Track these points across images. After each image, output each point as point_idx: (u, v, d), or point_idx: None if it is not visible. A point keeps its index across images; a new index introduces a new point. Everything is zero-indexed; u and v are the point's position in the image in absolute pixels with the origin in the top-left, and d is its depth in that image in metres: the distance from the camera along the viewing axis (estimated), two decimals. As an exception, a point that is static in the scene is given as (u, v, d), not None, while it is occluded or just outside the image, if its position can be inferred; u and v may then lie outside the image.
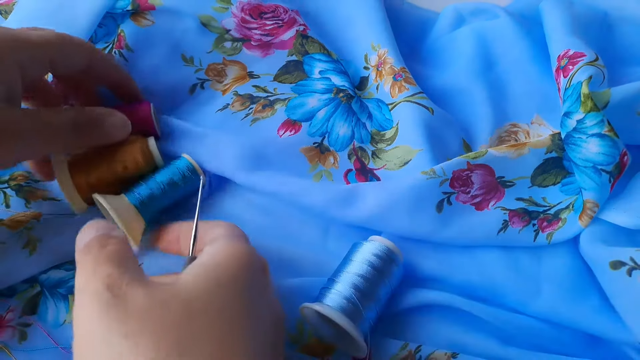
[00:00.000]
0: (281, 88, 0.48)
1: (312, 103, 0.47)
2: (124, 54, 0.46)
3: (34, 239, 0.39)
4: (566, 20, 0.47)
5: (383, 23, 0.50)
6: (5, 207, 0.41)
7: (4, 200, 0.42)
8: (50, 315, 0.38)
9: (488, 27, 0.52)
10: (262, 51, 0.50)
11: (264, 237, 0.40)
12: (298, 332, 0.37)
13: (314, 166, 0.45)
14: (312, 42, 0.50)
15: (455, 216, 0.40)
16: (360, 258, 0.36)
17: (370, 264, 0.35)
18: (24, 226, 0.39)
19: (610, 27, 0.51)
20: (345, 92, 0.47)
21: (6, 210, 0.41)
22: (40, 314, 0.38)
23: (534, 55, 0.50)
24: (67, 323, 0.38)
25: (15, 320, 0.37)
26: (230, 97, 0.48)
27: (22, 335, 0.37)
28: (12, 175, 0.43)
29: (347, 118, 0.46)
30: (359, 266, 0.35)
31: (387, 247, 0.37)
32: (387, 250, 0.36)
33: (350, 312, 0.33)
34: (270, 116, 0.46)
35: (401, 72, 0.47)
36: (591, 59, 0.41)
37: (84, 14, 0.45)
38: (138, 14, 0.47)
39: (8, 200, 0.42)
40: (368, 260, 0.35)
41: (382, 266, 0.35)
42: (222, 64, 0.49)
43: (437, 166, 0.41)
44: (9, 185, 0.42)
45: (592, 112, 0.38)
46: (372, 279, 0.35)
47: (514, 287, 0.39)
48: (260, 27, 0.50)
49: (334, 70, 0.48)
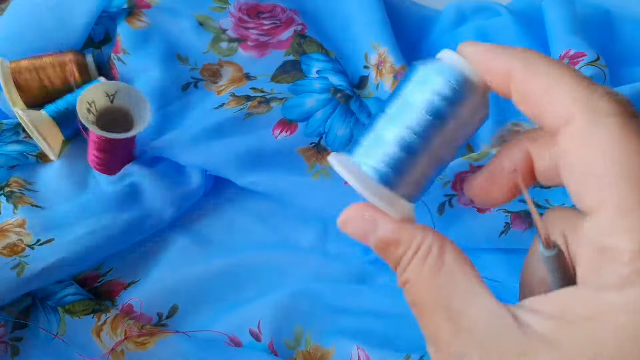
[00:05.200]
0: (278, 88, 0.48)
1: (310, 103, 0.47)
2: (122, 58, 0.46)
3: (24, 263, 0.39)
4: (568, 18, 0.46)
5: (383, 21, 0.50)
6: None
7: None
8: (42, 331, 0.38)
9: (490, 25, 0.51)
10: (258, 51, 0.49)
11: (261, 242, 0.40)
12: (296, 339, 0.36)
13: (311, 165, 0.44)
14: (309, 41, 0.49)
15: (456, 219, 0.40)
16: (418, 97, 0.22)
17: (430, 109, 0.21)
18: (19, 255, 0.39)
19: (612, 25, 0.51)
20: (343, 92, 0.47)
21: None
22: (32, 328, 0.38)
23: (536, 53, 0.50)
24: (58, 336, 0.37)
25: (7, 336, 0.37)
26: (227, 97, 0.47)
27: (14, 350, 0.37)
28: (7, 182, 0.43)
29: (345, 119, 0.46)
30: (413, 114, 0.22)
31: (461, 72, 0.22)
32: (460, 79, 0.22)
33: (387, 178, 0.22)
34: (265, 112, 0.46)
35: (401, 71, 0.47)
36: (592, 59, 0.41)
37: (80, 11, 0.45)
38: (133, 15, 0.46)
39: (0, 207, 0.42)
40: (430, 102, 0.21)
41: (451, 106, 0.22)
42: (218, 65, 0.49)
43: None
44: (3, 192, 0.42)
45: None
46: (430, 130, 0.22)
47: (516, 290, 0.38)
48: (257, 27, 0.50)
49: (331, 70, 0.48)
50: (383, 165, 0.22)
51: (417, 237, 0.21)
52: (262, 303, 0.39)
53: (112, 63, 0.46)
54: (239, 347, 0.38)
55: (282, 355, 0.37)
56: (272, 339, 0.38)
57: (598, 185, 0.17)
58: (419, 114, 0.21)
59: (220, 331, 0.39)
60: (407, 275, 0.21)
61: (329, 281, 0.42)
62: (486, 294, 0.20)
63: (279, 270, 0.41)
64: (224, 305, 0.40)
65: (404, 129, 0.21)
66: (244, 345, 0.38)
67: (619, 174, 0.17)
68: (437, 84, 0.21)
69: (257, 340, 0.38)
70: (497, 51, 0.21)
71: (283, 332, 0.38)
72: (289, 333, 0.36)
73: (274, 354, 0.38)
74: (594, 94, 0.18)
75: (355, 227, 0.23)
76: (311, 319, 0.39)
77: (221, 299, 0.41)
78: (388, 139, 0.22)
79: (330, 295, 0.40)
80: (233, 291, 0.41)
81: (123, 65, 0.46)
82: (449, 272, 0.21)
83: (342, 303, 0.40)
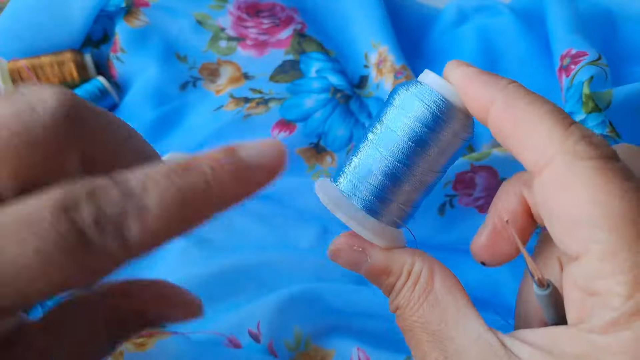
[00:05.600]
0: (277, 88, 0.48)
1: (309, 103, 0.46)
2: (120, 57, 0.45)
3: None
4: (569, 17, 0.46)
5: (383, 20, 0.49)
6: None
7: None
8: None
9: (491, 24, 0.51)
10: (257, 51, 0.49)
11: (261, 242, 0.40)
12: (295, 340, 0.36)
13: (311, 166, 0.44)
14: (309, 40, 0.49)
15: (457, 219, 0.40)
16: (400, 122, 0.22)
17: (412, 135, 0.21)
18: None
19: (614, 24, 0.51)
20: (343, 92, 0.46)
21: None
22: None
23: (538, 52, 0.49)
24: None
25: None
26: (226, 98, 0.47)
27: None
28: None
29: (344, 120, 0.46)
30: (397, 139, 0.22)
31: (441, 96, 0.21)
32: (441, 104, 0.21)
33: (372, 207, 0.22)
34: (264, 113, 0.46)
35: (402, 70, 0.46)
36: (593, 58, 0.40)
37: (78, 10, 0.45)
38: (132, 14, 0.46)
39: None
40: (411, 129, 0.21)
41: (432, 132, 0.21)
42: (216, 64, 0.48)
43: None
44: None
45: (593, 113, 0.38)
46: (413, 155, 0.22)
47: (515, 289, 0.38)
48: (256, 26, 0.49)
49: (331, 69, 0.48)
50: (368, 195, 0.22)
51: (407, 264, 0.22)
52: (261, 304, 0.39)
53: (111, 62, 0.46)
54: (238, 348, 0.38)
55: (281, 357, 0.37)
56: (271, 340, 0.38)
57: (580, 231, 0.18)
58: (401, 141, 0.21)
59: (219, 332, 0.39)
60: (398, 302, 0.22)
61: (329, 281, 0.41)
62: (475, 318, 0.20)
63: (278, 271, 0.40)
64: (223, 306, 0.40)
65: (387, 157, 0.22)
66: (243, 347, 0.38)
67: (601, 219, 0.17)
68: (418, 110, 0.21)
69: (257, 342, 0.38)
70: (481, 79, 0.21)
71: (282, 333, 0.38)
72: (288, 334, 0.36)
73: (273, 355, 0.37)
74: (572, 137, 0.18)
75: (346, 258, 0.23)
76: (311, 320, 0.38)
77: (220, 300, 0.40)
78: (372, 167, 0.22)
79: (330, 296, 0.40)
80: (232, 292, 0.40)
81: (121, 64, 0.45)
82: (437, 298, 0.21)
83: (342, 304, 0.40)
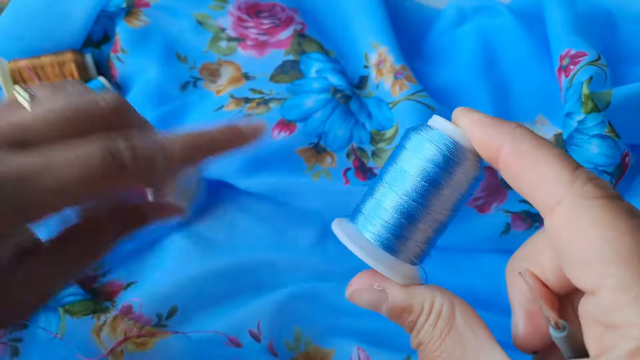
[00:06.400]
0: (277, 88, 0.48)
1: (309, 103, 0.46)
2: (121, 58, 0.45)
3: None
4: (568, 18, 0.46)
5: (383, 20, 0.49)
6: None
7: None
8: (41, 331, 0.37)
9: (491, 24, 0.51)
10: (257, 51, 0.49)
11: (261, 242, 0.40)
12: (296, 340, 0.36)
13: (311, 166, 0.44)
14: (309, 40, 0.49)
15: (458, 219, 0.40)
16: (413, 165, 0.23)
17: (425, 175, 0.23)
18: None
19: (613, 25, 0.51)
20: (343, 92, 0.47)
21: None
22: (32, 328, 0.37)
23: (537, 53, 0.49)
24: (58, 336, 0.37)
25: (6, 336, 0.37)
26: (226, 99, 0.47)
27: (14, 351, 0.37)
28: None
29: (344, 120, 0.46)
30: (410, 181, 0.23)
31: (451, 139, 0.23)
32: (451, 146, 0.23)
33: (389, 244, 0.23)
34: (264, 113, 0.46)
35: (402, 70, 0.46)
36: (593, 59, 0.40)
37: (79, 10, 0.45)
38: (132, 14, 0.46)
39: None
40: (424, 169, 0.23)
41: (444, 172, 0.23)
42: (217, 64, 0.48)
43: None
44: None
45: (593, 113, 0.38)
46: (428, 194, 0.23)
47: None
48: (256, 26, 0.49)
49: (331, 70, 0.48)
50: (385, 233, 0.23)
51: (427, 300, 0.22)
52: (261, 303, 0.39)
53: (111, 62, 0.46)
54: (238, 348, 0.38)
55: (282, 357, 0.37)
56: (271, 339, 0.38)
57: (593, 266, 0.18)
58: (414, 181, 0.23)
59: (219, 332, 0.39)
60: (420, 338, 0.22)
61: (329, 281, 0.41)
62: (497, 351, 0.21)
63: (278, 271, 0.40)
64: (223, 305, 0.40)
65: (402, 197, 0.23)
66: (244, 346, 0.38)
67: (611, 255, 0.18)
68: (430, 152, 0.23)
69: (257, 341, 0.38)
70: (488, 124, 0.22)
71: (283, 333, 0.38)
72: (288, 334, 0.36)
73: (274, 355, 0.37)
74: (579, 179, 0.19)
75: (366, 298, 0.23)
76: (311, 319, 0.38)
77: (221, 300, 0.40)
78: (388, 206, 0.23)
79: (330, 296, 0.40)
80: (232, 292, 0.41)
81: (122, 64, 0.46)
82: (459, 333, 0.21)
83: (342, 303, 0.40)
